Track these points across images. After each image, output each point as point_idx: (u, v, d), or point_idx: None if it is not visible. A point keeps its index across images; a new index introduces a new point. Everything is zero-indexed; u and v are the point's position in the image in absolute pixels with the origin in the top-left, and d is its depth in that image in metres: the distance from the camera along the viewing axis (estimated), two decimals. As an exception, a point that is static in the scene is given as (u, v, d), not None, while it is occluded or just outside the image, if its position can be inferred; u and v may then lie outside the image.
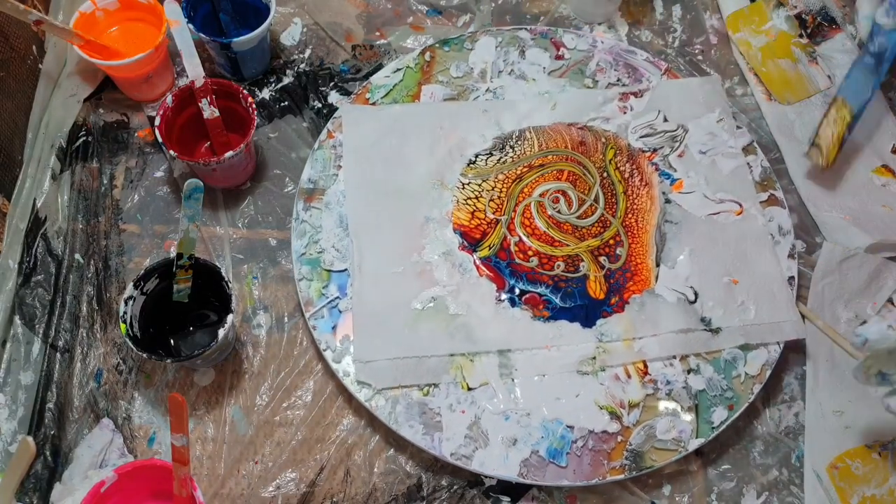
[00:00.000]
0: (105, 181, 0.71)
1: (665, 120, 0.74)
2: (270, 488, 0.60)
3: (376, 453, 0.62)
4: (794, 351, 0.66)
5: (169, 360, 0.58)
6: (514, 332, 0.64)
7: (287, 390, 0.64)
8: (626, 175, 0.72)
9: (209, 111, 0.67)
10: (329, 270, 0.66)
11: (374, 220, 0.68)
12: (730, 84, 0.79)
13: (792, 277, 0.67)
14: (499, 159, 0.71)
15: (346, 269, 0.66)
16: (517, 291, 0.66)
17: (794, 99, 0.78)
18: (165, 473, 0.52)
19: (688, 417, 0.62)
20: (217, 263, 0.60)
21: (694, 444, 0.61)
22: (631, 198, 0.71)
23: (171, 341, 0.64)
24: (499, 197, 0.70)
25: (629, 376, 0.63)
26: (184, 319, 0.64)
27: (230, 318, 0.57)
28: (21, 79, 0.72)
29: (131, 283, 0.58)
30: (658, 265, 0.68)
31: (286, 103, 0.75)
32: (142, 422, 0.62)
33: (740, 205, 0.70)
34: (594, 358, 0.63)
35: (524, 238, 0.68)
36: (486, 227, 0.69)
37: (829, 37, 0.81)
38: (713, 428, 0.61)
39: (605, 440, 0.61)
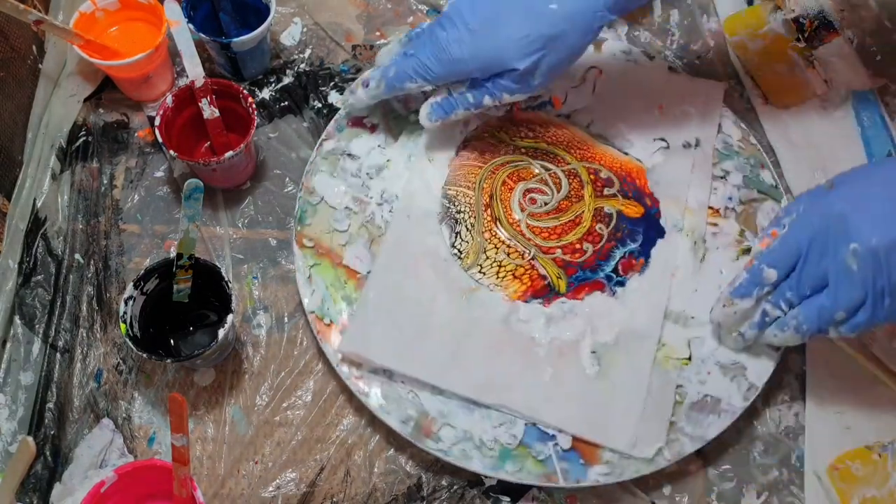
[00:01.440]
0: (105, 181, 0.71)
1: None
2: (270, 488, 0.60)
3: (376, 453, 0.62)
4: (794, 352, 0.66)
5: (169, 360, 0.58)
6: (650, 296, 0.66)
7: (287, 390, 0.64)
8: (530, 134, 0.73)
9: (209, 111, 0.67)
10: (521, 444, 0.60)
11: (483, 374, 0.62)
12: (727, 86, 0.79)
13: (669, 67, 0.77)
14: (467, 228, 0.68)
15: (525, 425, 0.61)
16: (613, 275, 0.67)
17: (791, 103, 0.78)
18: (165, 473, 0.52)
19: (761, 196, 0.71)
20: (217, 263, 0.60)
21: (783, 203, 0.71)
22: (555, 142, 0.73)
23: (171, 341, 0.64)
24: (509, 246, 0.67)
25: (716, 224, 0.69)
26: (184, 319, 0.64)
27: (230, 318, 0.57)
28: (21, 79, 0.72)
29: (131, 283, 0.58)
30: (626, 154, 0.73)
31: (286, 103, 0.75)
32: (142, 422, 0.62)
33: (595, 67, 0.76)
34: (695, 243, 0.68)
35: (561, 243, 0.68)
36: (534, 270, 0.66)
37: (827, 41, 0.81)
38: (775, 186, 0.72)
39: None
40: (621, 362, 0.63)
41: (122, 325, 0.57)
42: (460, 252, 0.67)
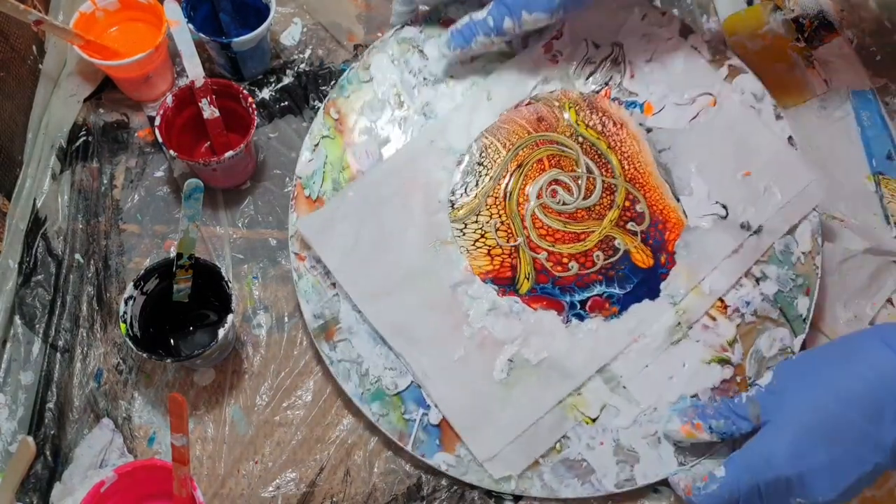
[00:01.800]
0: (105, 181, 0.71)
1: (597, 46, 0.69)
2: (270, 488, 0.60)
3: (376, 453, 0.62)
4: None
5: (169, 360, 0.58)
6: (599, 344, 0.62)
7: (287, 390, 0.64)
8: (600, 128, 0.67)
9: (209, 111, 0.67)
10: (398, 394, 0.61)
11: (405, 320, 0.61)
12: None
13: (790, 137, 0.67)
14: (476, 184, 0.65)
15: (412, 383, 0.61)
16: (577, 305, 0.63)
17: (791, 103, 0.78)
18: (165, 473, 0.52)
19: (778, 319, 0.63)
20: (217, 263, 0.60)
21: (798, 342, 0.63)
22: (617, 148, 0.66)
23: (171, 341, 0.64)
24: (503, 223, 0.64)
25: (714, 319, 0.63)
26: (184, 319, 0.64)
27: (230, 318, 0.57)
28: (21, 79, 0.72)
29: (131, 283, 0.58)
30: (678, 199, 0.65)
31: (286, 103, 0.75)
32: (142, 422, 0.62)
33: (711, 94, 0.67)
34: (678, 324, 0.62)
35: (552, 249, 0.64)
36: (510, 258, 0.63)
37: (827, 41, 0.81)
38: (804, 319, 0.63)
39: (726, 388, 0.62)
40: (530, 385, 0.61)
41: (122, 325, 0.57)
42: (455, 202, 0.64)
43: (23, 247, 0.67)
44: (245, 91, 0.66)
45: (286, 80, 0.76)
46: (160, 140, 0.64)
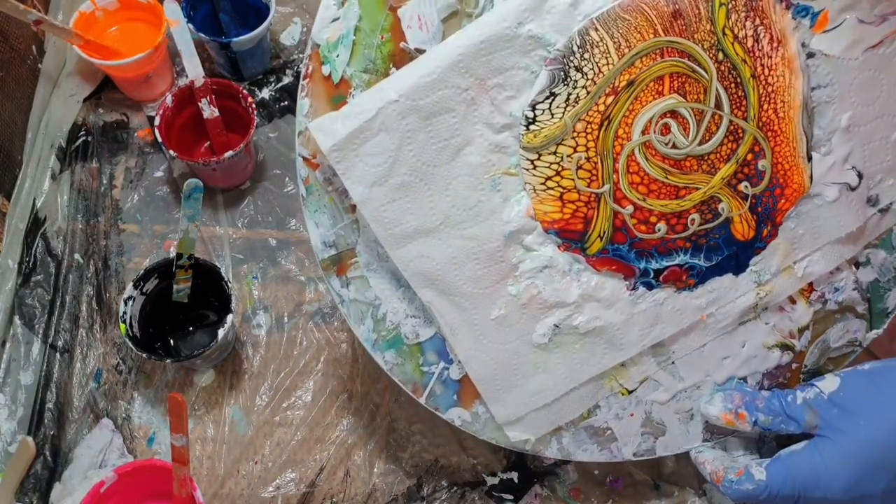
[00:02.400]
0: (105, 181, 0.71)
1: None
2: (270, 488, 0.60)
3: (376, 453, 0.62)
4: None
5: (169, 360, 0.58)
6: (660, 319, 0.52)
7: (287, 390, 0.64)
8: (750, 43, 0.48)
9: (209, 111, 0.67)
10: (418, 343, 0.52)
11: (440, 269, 0.50)
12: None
13: None
14: (567, 99, 0.46)
15: (436, 333, 0.52)
16: (651, 273, 0.51)
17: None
18: (165, 473, 0.52)
19: (861, 311, 0.54)
20: (217, 263, 0.60)
21: (871, 336, 0.55)
22: (763, 79, 0.48)
23: (171, 341, 0.64)
24: (588, 160, 0.48)
25: (794, 303, 0.53)
26: (184, 319, 0.64)
27: (230, 318, 0.57)
28: (21, 79, 0.72)
29: (131, 283, 0.58)
30: (810, 159, 0.50)
31: (286, 103, 0.75)
32: (141, 422, 0.62)
33: None
34: (755, 305, 0.53)
35: (641, 203, 0.49)
36: (587, 209, 0.49)
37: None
38: (888, 314, 0.54)
39: (778, 374, 0.55)
40: (572, 353, 0.52)
41: (122, 325, 0.57)
42: (533, 121, 0.47)
43: (22, 247, 0.67)
44: (245, 91, 0.66)
45: (286, 80, 0.76)
46: (160, 140, 0.64)
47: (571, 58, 0.46)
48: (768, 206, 0.51)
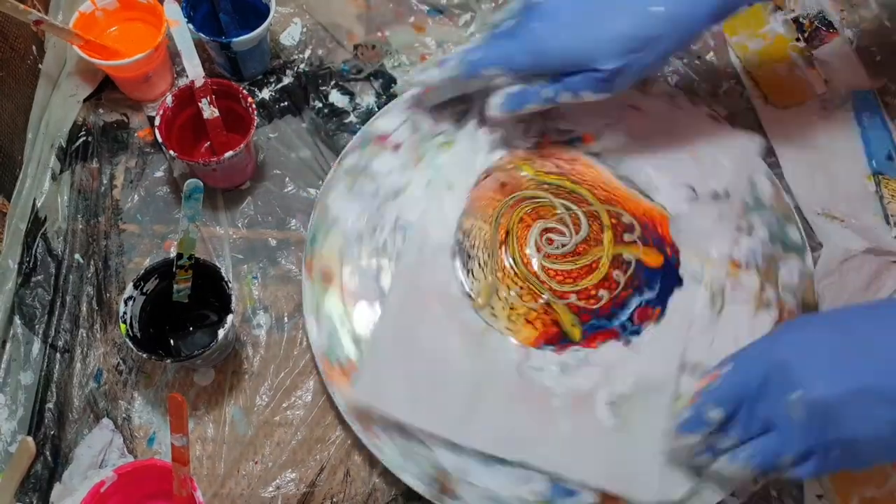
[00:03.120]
0: (105, 181, 0.71)
1: None
2: (270, 488, 0.60)
3: (376, 453, 0.62)
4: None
5: (169, 360, 0.58)
6: (666, 346, 0.63)
7: (287, 390, 0.64)
8: (556, 170, 0.69)
9: (209, 111, 0.67)
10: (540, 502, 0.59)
11: (501, 426, 0.59)
12: (727, 86, 0.79)
13: (708, 113, 0.74)
14: (479, 265, 0.65)
15: (551, 483, 0.59)
16: (628, 324, 0.64)
17: (791, 103, 0.78)
18: (165, 473, 0.52)
19: (786, 254, 0.68)
20: (217, 263, 0.60)
21: (809, 260, 0.69)
22: (581, 180, 0.69)
23: (171, 341, 0.64)
24: (521, 288, 0.64)
25: (737, 277, 0.66)
26: (184, 319, 0.64)
27: (230, 318, 0.57)
28: (21, 79, 0.72)
29: (131, 284, 0.58)
30: (651, 199, 0.69)
31: (286, 103, 0.75)
32: (142, 422, 0.62)
33: (635, 107, 0.72)
34: (713, 294, 0.66)
35: (576, 288, 0.65)
36: (547, 315, 0.63)
37: (827, 41, 0.81)
38: (802, 241, 0.70)
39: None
40: (638, 413, 0.60)
41: (122, 326, 0.57)
42: (472, 292, 0.63)
43: (22, 247, 0.67)
44: (245, 91, 0.66)
45: (286, 81, 0.76)
46: (160, 140, 0.64)
47: (463, 243, 0.65)
48: (654, 237, 0.67)
